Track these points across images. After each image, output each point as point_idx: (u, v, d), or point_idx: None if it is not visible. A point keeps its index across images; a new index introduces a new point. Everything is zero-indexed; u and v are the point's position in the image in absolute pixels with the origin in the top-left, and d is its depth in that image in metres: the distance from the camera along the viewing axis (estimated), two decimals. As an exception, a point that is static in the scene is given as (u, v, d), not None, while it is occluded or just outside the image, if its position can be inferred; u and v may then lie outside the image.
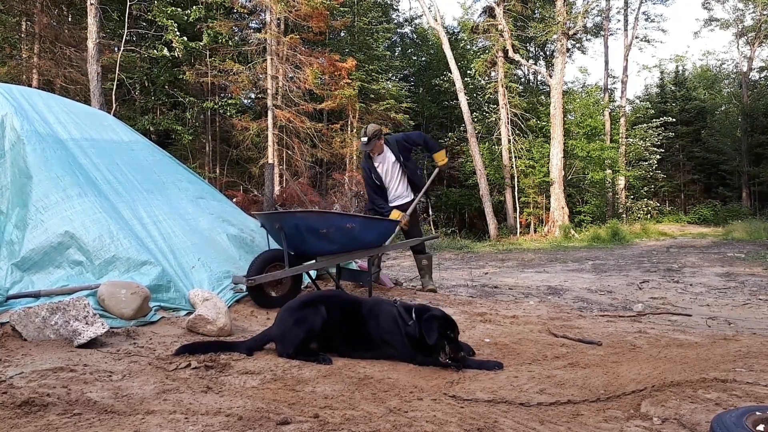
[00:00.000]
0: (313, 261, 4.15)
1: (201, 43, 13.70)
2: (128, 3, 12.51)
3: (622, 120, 23.79)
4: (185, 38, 12.97)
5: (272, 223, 4.02)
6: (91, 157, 4.16)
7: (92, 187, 3.91)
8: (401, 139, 5.12)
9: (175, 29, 12.52)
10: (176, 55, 13.46)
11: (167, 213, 4.16)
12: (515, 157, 20.22)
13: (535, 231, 19.53)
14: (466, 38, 24.14)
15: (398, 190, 5.02)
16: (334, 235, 3.97)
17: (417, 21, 28.19)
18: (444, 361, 2.56)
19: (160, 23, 12.72)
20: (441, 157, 5.06)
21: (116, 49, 14.32)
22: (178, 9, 12.82)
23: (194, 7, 14.42)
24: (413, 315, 2.69)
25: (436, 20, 19.69)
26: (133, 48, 14.87)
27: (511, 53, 19.89)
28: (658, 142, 23.95)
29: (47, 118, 4.19)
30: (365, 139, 4.83)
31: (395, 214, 4.78)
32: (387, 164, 5.01)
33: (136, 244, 3.67)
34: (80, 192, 3.78)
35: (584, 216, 20.03)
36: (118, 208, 3.90)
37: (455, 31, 26.87)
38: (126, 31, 12.76)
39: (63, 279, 3.42)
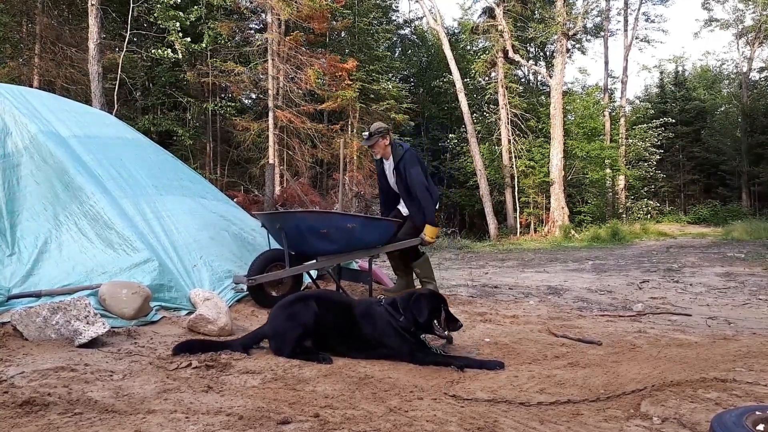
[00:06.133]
0: (314, 261, 4.15)
1: (202, 45, 13.72)
2: (131, 5, 12.55)
3: (622, 120, 23.79)
4: (188, 39, 12.99)
5: (273, 224, 4.03)
6: (94, 154, 4.16)
7: (96, 183, 3.90)
8: (408, 174, 4.37)
9: (178, 29, 12.53)
10: (178, 56, 13.51)
11: (170, 211, 4.16)
12: (515, 157, 20.22)
13: (535, 231, 19.53)
14: (465, 39, 24.14)
15: (403, 199, 4.64)
16: (335, 235, 3.95)
17: (417, 22, 28.25)
18: (441, 334, 2.68)
19: (162, 26, 12.76)
20: (430, 233, 4.35)
21: (117, 49, 14.33)
22: (180, 13, 12.84)
23: (195, 7, 14.44)
24: (400, 308, 2.75)
25: (436, 21, 19.70)
26: (134, 49, 14.88)
27: (511, 54, 19.90)
28: (658, 143, 23.95)
29: (48, 117, 4.20)
30: (366, 134, 4.58)
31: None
32: (390, 174, 4.62)
33: (139, 241, 3.67)
34: (84, 188, 3.78)
35: (584, 216, 20.03)
36: (122, 204, 3.90)
37: (455, 31, 26.88)
38: (128, 33, 12.80)
39: (65, 278, 3.42)
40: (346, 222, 4.04)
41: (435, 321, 2.72)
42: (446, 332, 2.70)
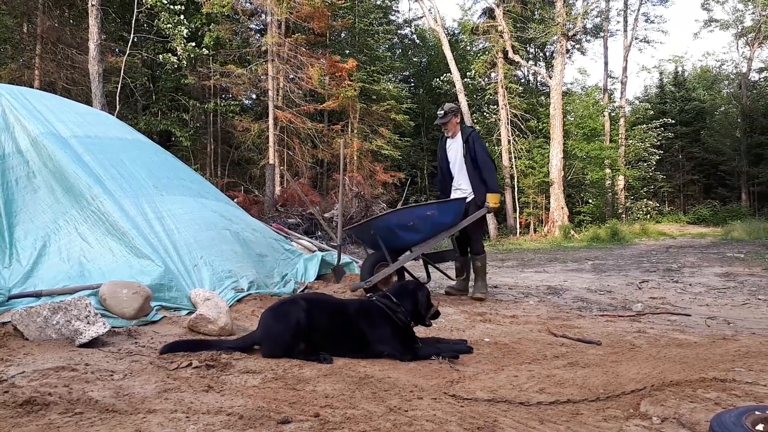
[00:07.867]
0: (409, 252, 4.63)
1: (203, 50, 13.81)
2: (134, 10, 12.63)
3: (622, 121, 23.81)
4: (192, 44, 13.05)
5: (365, 232, 4.53)
6: (95, 154, 4.16)
7: (96, 183, 3.90)
8: (476, 146, 4.91)
9: (183, 35, 12.59)
10: (183, 63, 13.61)
11: (171, 211, 4.16)
12: (515, 157, 20.23)
13: (534, 231, 19.53)
14: (465, 39, 24.15)
15: (459, 182, 5.00)
16: (420, 225, 4.50)
17: (417, 22, 28.27)
18: (427, 322, 2.91)
19: (167, 33, 12.83)
20: (493, 200, 4.83)
21: (117, 50, 14.35)
22: (185, 21, 12.90)
23: (197, 14, 14.51)
24: (395, 300, 2.85)
25: (436, 21, 19.71)
26: (137, 51, 14.91)
27: (510, 54, 19.91)
28: (658, 143, 23.96)
29: (48, 117, 4.20)
30: (441, 112, 5.01)
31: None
32: (455, 151, 5.02)
33: (140, 241, 3.67)
34: (84, 189, 3.78)
35: (584, 216, 20.05)
36: (122, 204, 3.90)
37: (455, 32, 26.89)
38: (132, 36, 12.86)
39: (65, 278, 3.43)
40: (426, 210, 4.60)
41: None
42: (428, 321, 2.97)
